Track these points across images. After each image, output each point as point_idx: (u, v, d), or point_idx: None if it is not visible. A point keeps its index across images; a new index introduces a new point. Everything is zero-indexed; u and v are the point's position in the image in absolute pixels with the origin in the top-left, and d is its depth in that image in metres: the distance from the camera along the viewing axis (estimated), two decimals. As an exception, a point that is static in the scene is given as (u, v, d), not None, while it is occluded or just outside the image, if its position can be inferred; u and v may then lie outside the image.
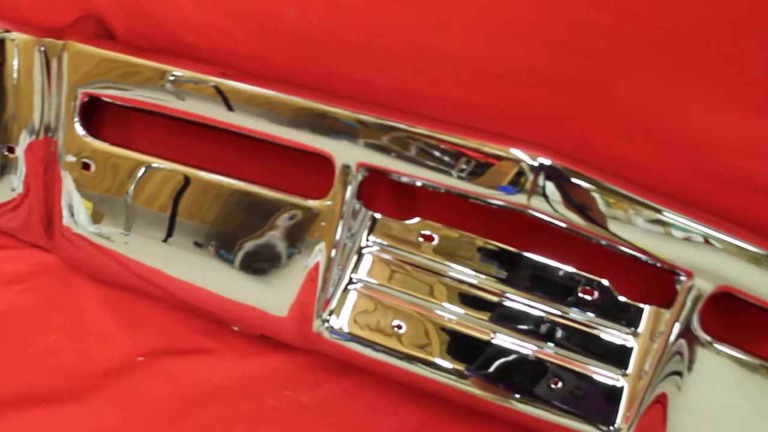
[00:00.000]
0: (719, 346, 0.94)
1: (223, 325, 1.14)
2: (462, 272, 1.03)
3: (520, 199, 0.93)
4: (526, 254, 1.02)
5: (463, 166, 0.94)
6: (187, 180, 1.07)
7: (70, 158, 1.10)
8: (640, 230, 0.91)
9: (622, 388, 0.98)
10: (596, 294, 1.00)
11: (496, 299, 1.02)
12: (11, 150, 1.15)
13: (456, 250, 1.03)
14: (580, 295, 1.00)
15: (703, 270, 0.92)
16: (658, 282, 0.98)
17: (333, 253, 1.02)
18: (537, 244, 1.01)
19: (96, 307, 1.17)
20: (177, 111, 1.05)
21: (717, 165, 0.96)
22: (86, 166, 1.10)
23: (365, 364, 1.05)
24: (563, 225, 0.93)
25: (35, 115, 1.12)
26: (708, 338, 0.94)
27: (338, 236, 1.02)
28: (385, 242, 1.04)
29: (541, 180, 0.92)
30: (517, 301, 1.02)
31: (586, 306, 1.00)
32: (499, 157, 0.93)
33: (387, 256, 1.04)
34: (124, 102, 1.08)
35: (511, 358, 1.01)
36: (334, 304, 1.04)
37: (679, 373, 0.95)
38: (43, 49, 1.09)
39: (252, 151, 1.08)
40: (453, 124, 0.96)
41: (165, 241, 1.09)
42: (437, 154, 0.95)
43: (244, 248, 1.05)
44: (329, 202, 1.01)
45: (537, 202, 0.93)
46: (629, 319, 0.99)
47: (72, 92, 1.08)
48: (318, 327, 1.04)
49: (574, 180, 0.91)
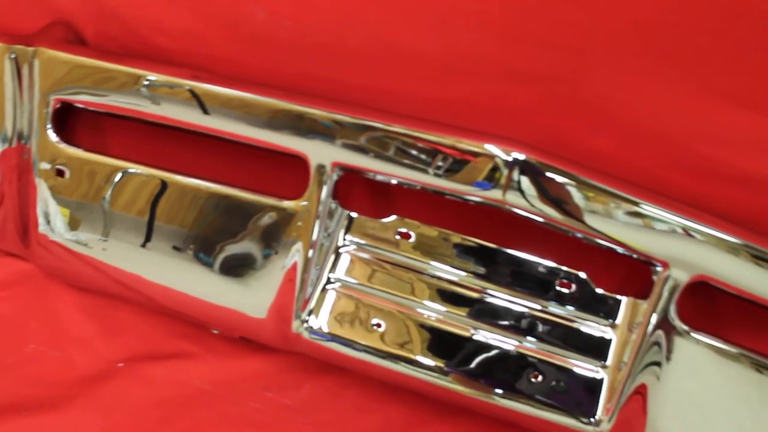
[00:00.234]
0: (697, 336, 0.95)
1: (202, 329, 1.13)
2: (440, 269, 1.03)
3: (495, 194, 0.93)
4: (503, 249, 1.02)
5: (439, 163, 0.94)
6: (164, 184, 1.07)
7: (45, 165, 1.10)
8: (616, 222, 0.92)
9: (601, 380, 0.98)
10: (574, 287, 1.00)
11: (474, 295, 1.02)
12: (-16, 159, 1.15)
13: (433, 247, 1.03)
14: (558, 289, 1.00)
15: (678, 260, 0.92)
16: (635, 273, 0.98)
17: (310, 253, 1.02)
18: (514, 239, 1.01)
19: (74, 314, 1.16)
20: (152, 116, 1.05)
21: (689, 155, 0.96)
22: (60, 173, 1.10)
23: (346, 363, 1.05)
24: (539, 219, 0.93)
25: (7, 123, 1.11)
26: (685, 328, 0.95)
27: (315, 236, 1.01)
28: (362, 241, 1.04)
29: (515, 175, 0.92)
30: (495, 296, 1.02)
31: (564, 299, 1.00)
32: (473, 153, 0.93)
33: (365, 255, 1.04)
34: (99, 108, 1.07)
35: (491, 353, 1.01)
36: (312, 304, 1.04)
37: (657, 364, 0.96)
38: (13, 56, 1.08)
39: (227, 154, 1.07)
40: (427, 121, 0.96)
41: (143, 246, 1.08)
42: (412, 151, 0.95)
43: (222, 251, 1.05)
44: (305, 203, 1.01)
45: (512, 197, 0.93)
46: (607, 311, 0.99)
47: (44, 99, 1.07)
48: (297, 328, 1.04)
49: (549, 174, 0.91)
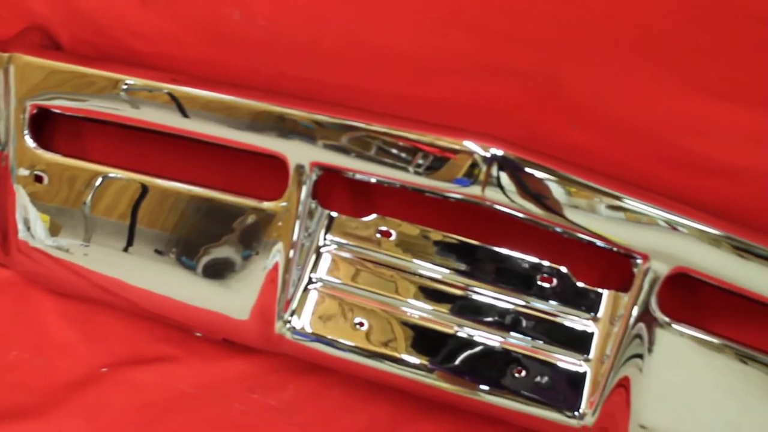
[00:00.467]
0: (678, 327, 0.95)
1: (185, 332, 1.13)
2: (422, 266, 1.03)
3: (474, 190, 0.93)
4: (484, 246, 1.02)
5: (418, 161, 0.94)
6: (144, 188, 1.06)
7: (23, 172, 1.09)
8: (595, 216, 0.92)
9: (584, 374, 0.99)
10: (555, 281, 1.00)
11: (456, 292, 1.02)
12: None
13: (415, 245, 1.03)
14: (540, 284, 1.00)
15: (658, 252, 0.92)
16: (616, 266, 0.99)
17: (291, 253, 1.02)
18: (495, 235, 1.02)
19: (56, 320, 1.16)
20: (131, 119, 1.04)
21: (668, 148, 0.97)
22: (39, 179, 1.09)
23: (330, 363, 1.05)
24: (519, 215, 0.94)
25: (-17, 129, 1.11)
26: (666, 319, 0.95)
27: (295, 236, 1.01)
28: (343, 240, 1.04)
29: (494, 171, 0.92)
30: (477, 292, 1.02)
31: (546, 294, 1.00)
32: (451, 150, 0.93)
33: (346, 254, 1.04)
34: (77, 113, 1.07)
35: (474, 350, 1.01)
36: (295, 305, 1.04)
37: (640, 356, 0.96)
38: (-12, 62, 1.08)
39: (205, 156, 1.07)
40: (405, 119, 0.96)
41: (125, 250, 1.08)
42: (390, 150, 0.95)
43: (203, 253, 1.05)
44: (284, 203, 1.01)
45: (492, 193, 0.93)
46: (589, 304, 0.99)
47: (20, 105, 1.07)
48: (280, 328, 1.04)
49: (528, 169, 0.92)
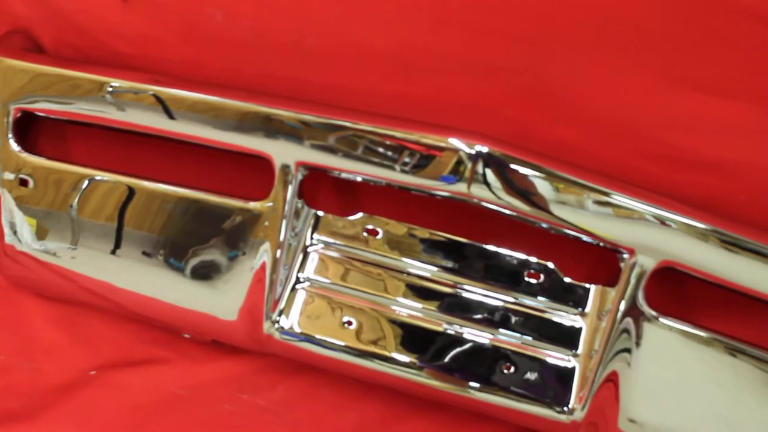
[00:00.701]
0: (665, 321, 0.96)
1: (174, 334, 1.13)
2: (409, 264, 1.03)
3: (460, 188, 0.94)
4: (471, 243, 1.02)
5: (404, 159, 0.94)
6: (131, 190, 1.06)
7: (8, 175, 1.09)
8: (581, 211, 0.92)
9: (573, 369, 0.99)
10: (542, 277, 1.00)
11: (444, 289, 1.02)
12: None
13: (402, 243, 1.03)
14: (528, 280, 1.00)
15: (644, 247, 0.93)
16: (602, 261, 0.99)
17: (278, 253, 1.02)
18: (481, 232, 1.02)
19: (44, 324, 1.15)
20: (117, 122, 1.04)
21: (653, 143, 0.97)
22: (24, 183, 1.09)
23: (319, 362, 1.05)
24: (506, 211, 0.94)
25: (-33, 134, 1.10)
26: (654, 313, 0.95)
27: (282, 236, 1.01)
28: (330, 239, 1.04)
29: (479, 167, 0.92)
30: (465, 289, 1.02)
31: (534, 290, 1.01)
32: (437, 148, 0.93)
33: (333, 254, 1.04)
34: (62, 116, 1.07)
35: (463, 347, 1.01)
36: (283, 305, 1.04)
37: (628, 350, 0.96)
38: (-30, 66, 1.07)
39: (191, 157, 1.07)
40: (390, 117, 0.96)
41: (112, 253, 1.08)
42: (375, 148, 0.95)
43: (190, 254, 1.05)
44: (270, 203, 1.01)
45: (478, 189, 0.93)
46: (576, 299, 1.00)
47: (4, 108, 1.06)
48: (268, 328, 1.04)
49: (513, 165, 0.92)
